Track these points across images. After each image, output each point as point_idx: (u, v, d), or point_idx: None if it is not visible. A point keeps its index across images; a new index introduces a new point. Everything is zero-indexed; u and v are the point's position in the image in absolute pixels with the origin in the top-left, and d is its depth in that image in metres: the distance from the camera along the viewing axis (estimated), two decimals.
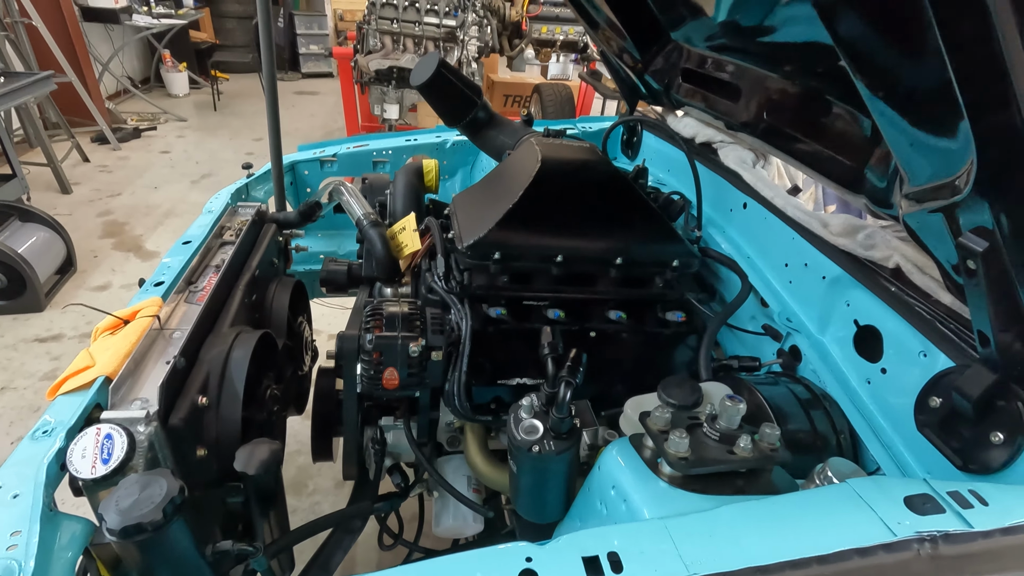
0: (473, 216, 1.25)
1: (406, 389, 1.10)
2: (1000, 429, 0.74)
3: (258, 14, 1.45)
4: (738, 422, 0.77)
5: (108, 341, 1.00)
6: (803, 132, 1.09)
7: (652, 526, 0.63)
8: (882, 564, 0.58)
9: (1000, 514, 0.63)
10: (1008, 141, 0.49)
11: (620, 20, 1.52)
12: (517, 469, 0.87)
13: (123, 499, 0.71)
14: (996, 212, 0.58)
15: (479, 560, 0.61)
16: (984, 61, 0.46)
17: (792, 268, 1.16)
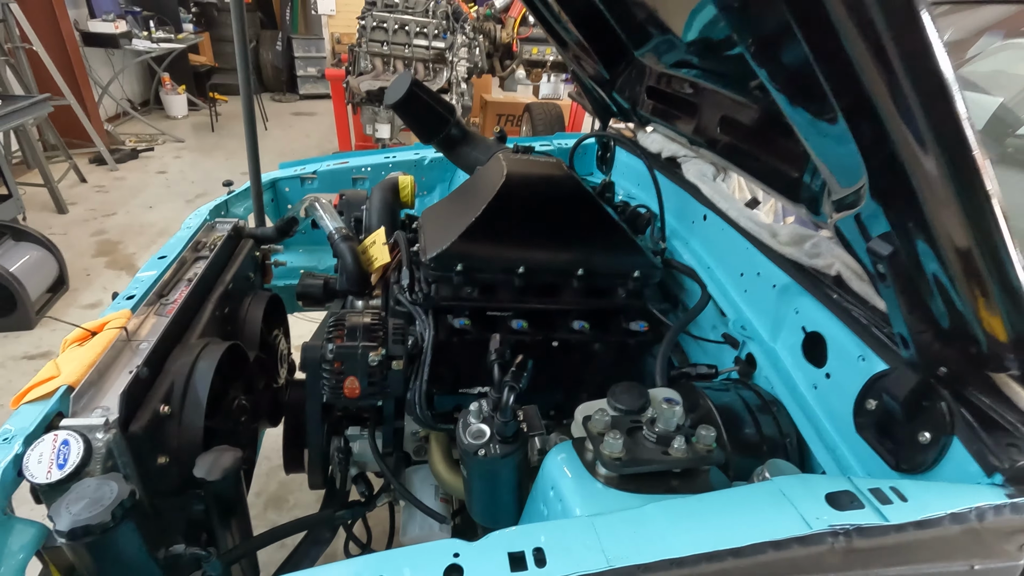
0: (439, 229, 1.29)
1: (368, 398, 1.13)
2: (927, 429, 0.76)
3: (233, 33, 1.51)
4: (675, 424, 0.79)
5: (74, 352, 1.03)
6: (751, 146, 1.12)
7: (579, 523, 0.65)
8: (795, 557, 0.60)
9: (916, 509, 0.65)
10: (886, 154, 0.53)
11: (587, 39, 1.58)
12: (468, 474, 0.89)
13: (73, 502, 0.73)
14: (891, 218, 0.61)
15: (408, 556, 0.63)
16: (859, 98, 0.49)
17: (747, 277, 1.20)
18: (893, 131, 0.50)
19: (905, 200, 0.56)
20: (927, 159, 0.49)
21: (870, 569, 0.60)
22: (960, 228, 0.54)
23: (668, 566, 0.59)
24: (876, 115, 0.50)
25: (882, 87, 0.47)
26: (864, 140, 0.55)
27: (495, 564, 0.61)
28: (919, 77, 0.45)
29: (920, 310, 0.69)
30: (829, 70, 0.51)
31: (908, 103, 0.46)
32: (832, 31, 0.46)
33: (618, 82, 1.65)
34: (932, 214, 0.54)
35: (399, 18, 4.05)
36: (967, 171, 0.48)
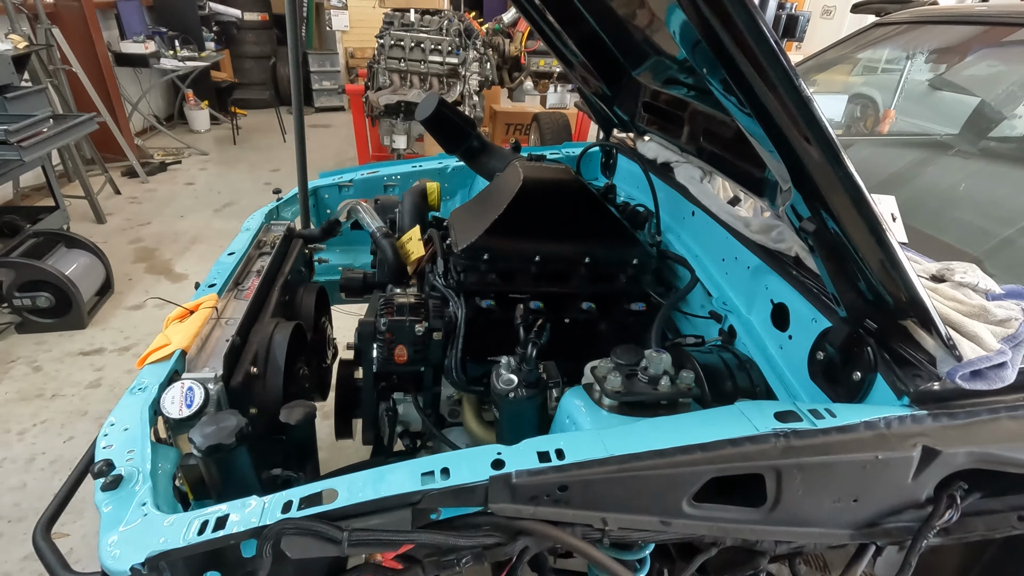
0: (467, 226, 1.53)
1: (413, 364, 1.36)
2: (858, 369, 0.98)
3: (289, 52, 1.75)
4: (662, 369, 1.02)
5: (178, 326, 1.27)
6: (726, 152, 1.35)
7: (588, 433, 0.88)
8: (747, 450, 0.83)
9: (840, 420, 0.87)
10: (790, 152, 0.75)
11: (590, 61, 1.82)
12: (499, 414, 1.12)
13: (206, 428, 0.97)
14: (808, 204, 0.83)
15: (462, 455, 0.85)
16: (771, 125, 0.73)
17: (727, 262, 1.42)
18: (792, 140, 0.72)
19: (812, 191, 0.78)
20: (815, 160, 0.72)
21: (802, 458, 0.82)
22: (849, 210, 0.76)
23: (652, 455, 0.81)
24: (780, 130, 0.73)
25: (785, 119, 0.70)
26: (780, 146, 0.78)
27: (527, 458, 0.83)
28: (802, 112, 0.68)
29: (844, 275, 0.91)
30: (752, 105, 0.74)
31: (798, 126, 0.69)
32: (746, 84, 0.69)
33: (618, 98, 1.88)
34: (830, 200, 0.77)
35: (415, 36, 4.32)
36: (842, 170, 0.71)
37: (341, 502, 0.79)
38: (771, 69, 0.65)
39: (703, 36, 0.70)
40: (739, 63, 0.68)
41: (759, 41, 0.63)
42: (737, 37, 0.64)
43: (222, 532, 0.77)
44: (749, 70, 0.67)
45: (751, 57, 0.65)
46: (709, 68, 0.86)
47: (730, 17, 0.62)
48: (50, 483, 2.32)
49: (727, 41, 0.65)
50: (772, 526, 0.87)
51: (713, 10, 0.63)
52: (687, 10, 0.69)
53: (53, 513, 1.20)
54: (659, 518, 0.84)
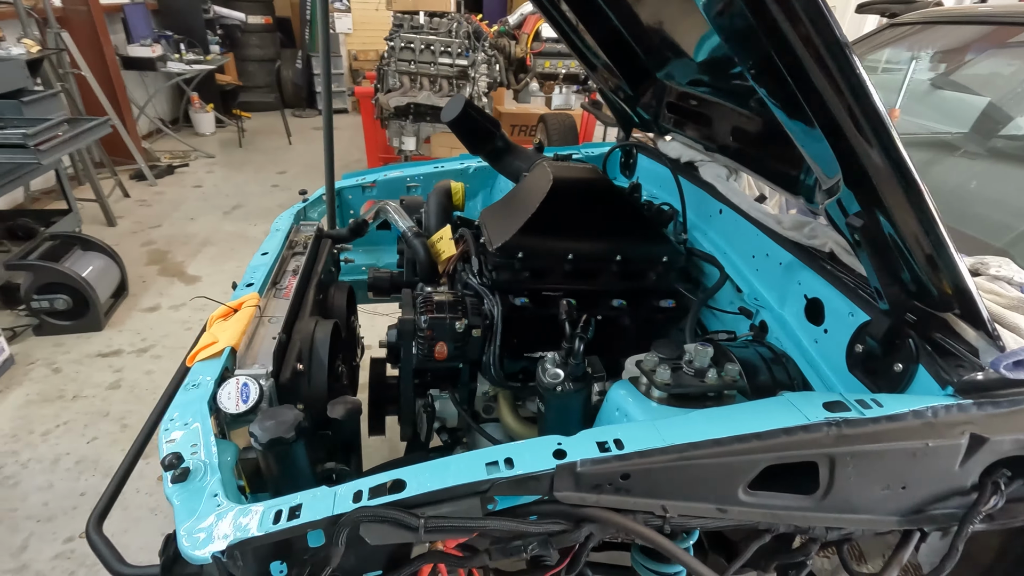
0: (500, 225, 1.55)
1: (451, 361, 1.39)
2: (899, 360, 1.01)
3: (321, 60, 1.78)
4: (707, 362, 1.05)
5: (224, 324, 1.30)
6: (756, 150, 1.38)
7: (643, 424, 0.91)
8: (800, 439, 0.85)
9: (887, 410, 0.90)
10: (848, 152, 0.78)
11: (614, 63, 1.84)
12: (545, 408, 1.15)
13: (265, 422, 1.00)
14: (859, 199, 0.86)
15: (525, 445, 0.88)
16: (829, 119, 0.75)
17: (758, 258, 1.45)
18: (852, 139, 0.75)
19: (867, 187, 0.81)
20: (875, 158, 0.75)
21: (854, 446, 0.85)
22: (903, 206, 0.79)
23: (711, 444, 0.84)
24: (841, 130, 0.75)
25: (842, 112, 0.73)
26: (837, 145, 0.81)
27: (588, 448, 0.86)
28: (863, 104, 0.71)
29: (888, 269, 0.94)
30: (808, 98, 0.77)
31: (859, 120, 0.72)
32: (803, 72, 0.72)
33: (642, 99, 1.91)
34: (885, 196, 0.80)
35: (425, 39, 4.35)
36: (901, 167, 0.73)
37: (410, 491, 0.81)
38: (840, 71, 0.68)
39: (766, 37, 0.73)
40: (806, 66, 0.70)
41: (830, 42, 0.65)
42: (805, 37, 0.67)
43: (298, 521, 0.79)
44: (817, 73, 0.70)
45: (819, 59, 0.68)
46: (759, 70, 0.88)
47: (797, 14, 0.65)
48: (76, 483, 2.34)
49: (794, 41, 0.68)
50: (824, 513, 0.90)
51: (782, 8, 0.65)
52: (748, 10, 0.71)
53: (104, 508, 1.22)
54: (716, 506, 0.87)
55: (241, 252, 4.39)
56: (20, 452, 2.48)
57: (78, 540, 2.11)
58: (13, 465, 2.41)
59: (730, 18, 0.84)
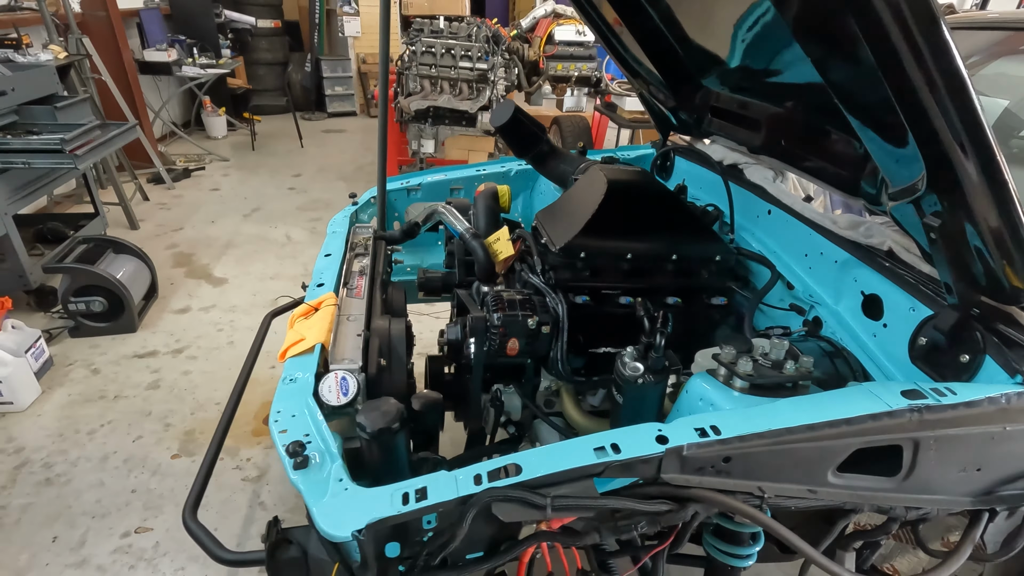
0: (559, 226, 1.61)
1: (521, 357, 1.45)
2: (966, 352, 1.07)
3: (379, 63, 1.84)
4: (783, 354, 1.11)
5: (307, 322, 1.36)
6: (814, 153, 1.45)
7: (735, 412, 0.97)
8: (887, 424, 0.92)
9: (962, 396, 0.96)
10: (939, 155, 0.85)
11: (659, 72, 1.91)
12: (623, 399, 1.21)
13: (370, 413, 1.06)
14: (942, 201, 0.92)
15: (626, 432, 0.94)
16: (919, 111, 0.82)
17: (811, 257, 1.51)
18: (948, 147, 0.82)
19: (953, 190, 0.87)
20: (968, 164, 0.81)
21: (937, 431, 0.92)
22: (989, 207, 0.85)
23: (805, 430, 0.90)
24: (937, 137, 0.82)
25: (941, 121, 0.79)
26: (927, 154, 0.87)
27: (687, 434, 0.92)
28: (964, 114, 0.77)
29: (960, 265, 1.00)
30: (909, 112, 0.83)
31: (957, 129, 0.78)
32: (910, 84, 0.78)
33: (684, 104, 1.98)
34: (971, 198, 0.86)
35: (445, 43, 4.42)
36: (993, 170, 0.80)
37: (526, 475, 0.88)
38: (948, 83, 0.74)
39: (873, 50, 0.79)
40: (914, 80, 0.77)
41: (941, 55, 0.72)
42: (916, 50, 0.73)
43: (427, 502, 0.85)
44: (923, 86, 0.76)
45: (926, 72, 0.75)
46: (844, 83, 0.95)
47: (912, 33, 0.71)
48: (126, 481, 2.39)
49: (905, 55, 0.74)
50: (904, 494, 0.96)
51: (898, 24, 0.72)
52: (856, 26, 0.78)
53: (196, 498, 1.28)
54: (807, 487, 0.93)
55: (265, 254, 4.45)
56: (69, 451, 2.53)
57: (134, 535, 2.16)
58: (63, 464, 2.46)
59: (822, 34, 0.90)
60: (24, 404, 2.75)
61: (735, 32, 1.55)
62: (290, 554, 1.10)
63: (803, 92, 1.42)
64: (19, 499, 2.29)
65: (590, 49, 6.10)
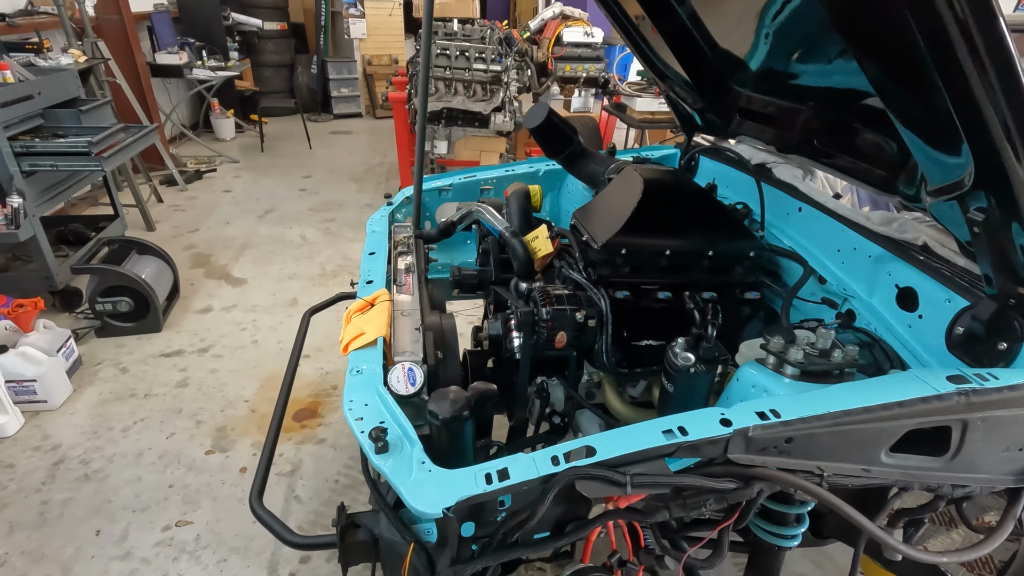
0: (599, 224, 1.67)
1: (567, 349, 1.50)
2: (1004, 340, 1.13)
3: (420, 65, 1.89)
4: (830, 343, 1.17)
5: (364, 317, 1.41)
6: (847, 152, 1.51)
7: (790, 397, 1.03)
8: (936, 406, 0.98)
9: (1004, 381, 1.02)
10: (990, 153, 0.91)
11: (689, 75, 1.97)
12: (673, 388, 1.27)
13: (441, 402, 1.11)
14: (988, 196, 0.98)
15: (690, 416, 1.00)
16: (973, 110, 0.88)
17: (843, 252, 1.57)
18: (998, 145, 0.88)
19: (1001, 186, 0.93)
20: (1018, 162, 0.88)
21: (985, 412, 0.97)
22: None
23: (861, 412, 0.96)
24: (989, 135, 0.88)
25: (994, 119, 0.85)
26: (977, 151, 0.93)
27: (748, 417, 0.98)
28: (1017, 111, 0.84)
29: (1002, 257, 1.06)
30: (963, 112, 0.89)
31: (1009, 127, 0.85)
32: (965, 82, 0.84)
33: (713, 105, 2.03)
34: (1019, 194, 0.92)
35: (460, 45, 4.47)
36: None
37: (601, 456, 0.93)
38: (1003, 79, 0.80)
39: (929, 49, 0.84)
40: (970, 78, 0.82)
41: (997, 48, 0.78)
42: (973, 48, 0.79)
43: (510, 481, 0.91)
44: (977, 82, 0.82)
45: (982, 70, 0.81)
46: (892, 84, 1.01)
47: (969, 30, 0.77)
48: (162, 476, 2.44)
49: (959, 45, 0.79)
50: (951, 472, 1.02)
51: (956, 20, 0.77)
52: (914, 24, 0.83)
53: (260, 485, 1.33)
54: (862, 466, 0.99)
55: (281, 254, 4.50)
56: (104, 448, 2.58)
57: (175, 529, 2.21)
58: (99, 460, 2.51)
59: (873, 39, 0.96)
60: (57, 403, 2.80)
61: (767, 34, 1.60)
62: (359, 537, 1.16)
63: (838, 94, 1.48)
64: (60, 494, 2.34)
65: (598, 50, 6.16)
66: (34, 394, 2.71)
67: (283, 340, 3.39)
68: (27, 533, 2.17)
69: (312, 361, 3.20)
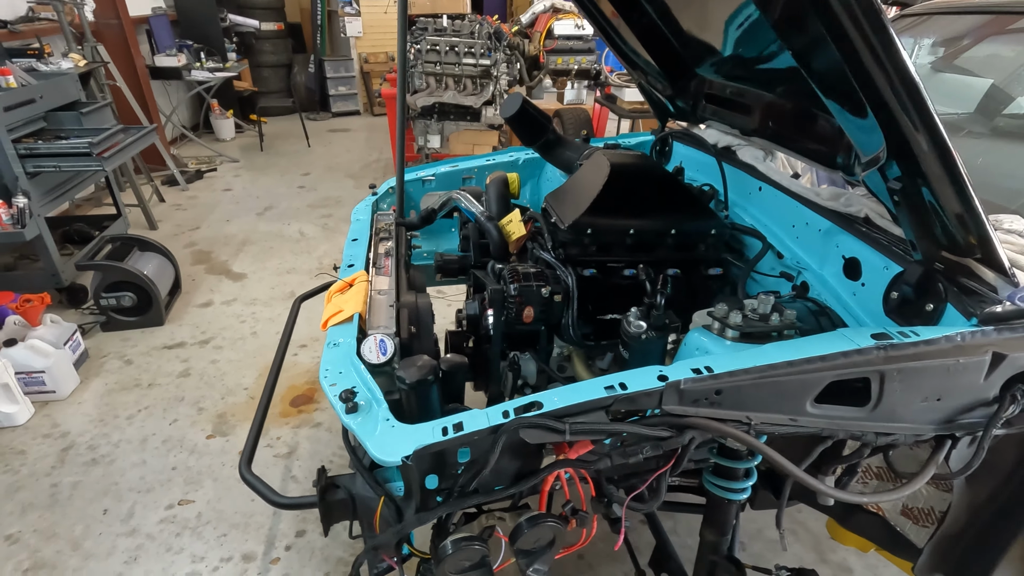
0: (567, 206, 1.76)
1: (535, 324, 1.60)
2: (930, 301, 1.21)
3: (397, 67, 1.98)
4: (770, 309, 1.25)
5: (344, 296, 1.51)
6: (797, 133, 1.59)
7: (726, 355, 1.12)
8: (857, 360, 1.06)
9: (923, 336, 1.10)
10: (893, 125, 0.99)
11: (656, 62, 2.05)
12: (629, 355, 1.36)
13: (409, 368, 1.21)
14: (899, 165, 1.07)
15: (632, 373, 1.09)
16: (871, 87, 0.96)
17: (798, 227, 1.66)
18: (899, 118, 0.96)
19: (907, 157, 1.02)
20: (917, 135, 0.96)
21: (900, 364, 1.06)
22: (939, 171, 0.99)
23: (785, 365, 1.05)
24: (890, 113, 0.96)
25: (893, 100, 0.94)
26: (884, 126, 1.02)
27: (684, 373, 1.07)
28: (911, 93, 0.92)
29: (923, 224, 1.15)
30: (868, 93, 0.98)
31: (906, 105, 0.93)
32: (866, 71, 0.93)
33: (681, 92, 2.12)
34: (924, 163, 1.00)
35: (449, 41, 4.56)
36: (938, 139, 0.94)
37: (547, 409, 1.03)
38: (894, 65, 0.89)
39: (834, 41, 0.93)
40: (867, 63, 0.91)
41: (884, 42, 0.86)
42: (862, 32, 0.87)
43: (464, 432, 1.01)
44: (874, 67, 0.91)
45: (875, 55, 0.89)
46: (815, 67, 1.09)
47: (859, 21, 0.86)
48: (166, 459, 2.56)
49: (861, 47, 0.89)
50: (874, 422, 1.11)
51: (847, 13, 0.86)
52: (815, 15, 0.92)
53: (250, 453, 1.43)
54: (789, 416, 1.08)
55: (280, 250, 4.61)
56: (110, 434, 2.70)
57: (178, 507, 2.33)
58: (106, 445, 2.64)
59: (791, 22, 1.05)
60: (65, 393, 2.92)
61: (725, 24, 1.69)
62: (338, 496, 1.26)
63: (786, 78, 1.56)
64: (69, 477, 2.46)
65: (589, 43, 6.23)
66: (43, 385, 2.84)
67: (281, 331, 3.50)
68: (39, 513, 2.29)
69: (309, 350, 3.32)
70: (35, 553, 2.13)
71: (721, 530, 1.40)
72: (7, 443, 2.63)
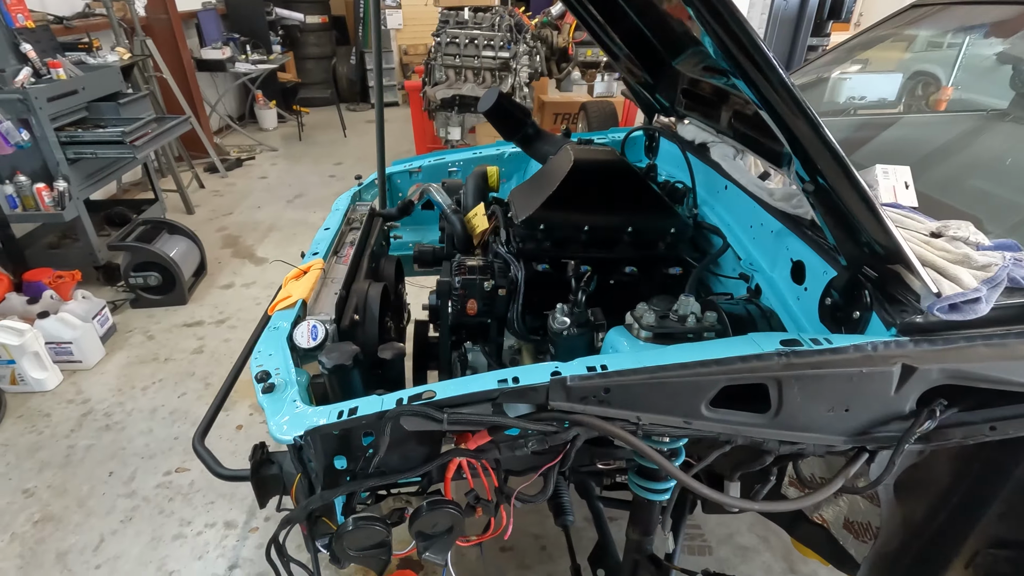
0: (525, 201, 1.78)
1: (480, 316, 1.63)
2: (857, 309, 1.17)
3: (373, 60, 2.04)
4: (689, 310, 1.24)
5: (296, 283, 1.59)
6: (753, 129, 1.54)
7: (627, 354, 1.12)
8: (754, 365, 1.04)
9: (835, 345, 1.07)
10: (782, 118, 0.96)
11: (633, 53, 2.02)
12: (555, 351, 1.37)
13: (331, 353, 1.27)
14: (806, 170, 1.03)
15: (529, 369, 1.11)
16: (752, 84, 0.94)
17: (754, 228, 1.61)
18: (788, 122, 0.93)
19: (807, 159, 0.98)
20: (802, 132, 0.93)
21: (800, 371, 1.03)
22: (838, 176, 0.96)
23: (677, 367, 1.04)
24: (775, 111, 0.94)
25: (772, 94, 0.91)
26: (777, 123, 0.99)
27: (577, 369, 1.08)
28: (790, 99, 0.90)
29: (843, 229, 1.11)
30: (757, 95, 0.96)
31: (785, 100, 0.91)
32: (751, 80, 0.90)
33: (660, 86, 2.08)
34: (821, 167, 0.97)
35: (469, 33, 4.59)
36: (825, 142, 0.91)
37: (438, 397, 1.06)
38: (764, 69, 0.87)
39: (716, 43, 0.92)
40: (744, 65, 0.89)
41: (754, 50, 0.85)
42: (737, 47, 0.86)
43: (355, 416, 1.06)
44: (751, 70, 0.89)
45: (749, 60, 0.87)
46: (727, 64, 1.07)
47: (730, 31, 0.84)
48: (170, 429, 2.74)
49: (732, 47, 0.87)
50: (776, 429, 1.08)
51: (719, 24, 0.85)
52: (705, 28, 0.91)
53: (205, 427, 1.53)
54: (682, 419, 1.07)
55: (303, 236, 4.80)
56: (125, 403, 2.92)
57: (174, 474, 2.50)
58: (120, 413, 2.85)
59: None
60: (91, 363, 3.17)
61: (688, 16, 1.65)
62: (271, 471, 1.34)
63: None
64: (84, 440, 2.68)
65: None
66: (71, 355, 3.09)
67: None
68: (54, 471, 2.51)
69: None
70: (46, 507, 2.34)
71: (644, 529, 1.40)
72: (36, 406, 2.88)
